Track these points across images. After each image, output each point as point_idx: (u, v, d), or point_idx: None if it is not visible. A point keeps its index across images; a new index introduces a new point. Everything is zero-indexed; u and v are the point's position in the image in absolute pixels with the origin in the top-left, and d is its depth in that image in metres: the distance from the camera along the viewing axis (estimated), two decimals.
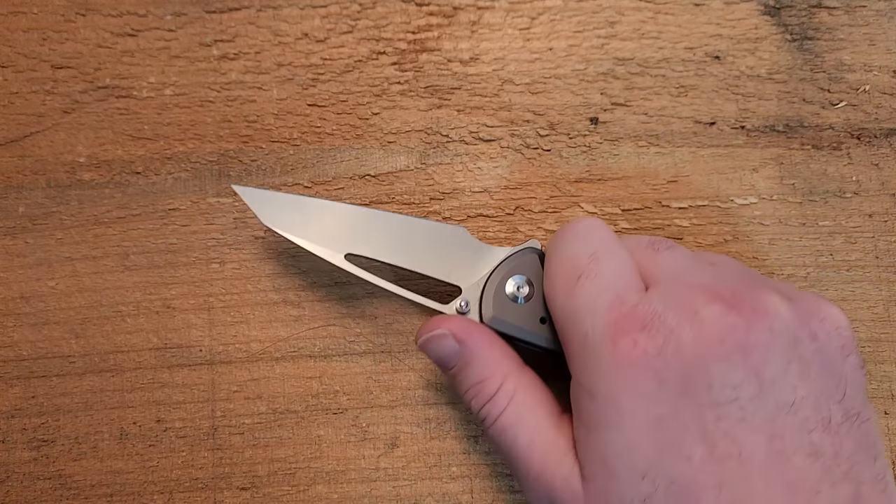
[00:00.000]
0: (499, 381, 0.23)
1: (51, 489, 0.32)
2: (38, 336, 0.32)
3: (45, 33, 0.33)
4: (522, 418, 0.23)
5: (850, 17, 0.33)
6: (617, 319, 0.21)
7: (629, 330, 0.21)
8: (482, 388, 0.23)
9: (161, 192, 0.33)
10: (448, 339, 0.24)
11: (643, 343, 0.20)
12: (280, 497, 0.31)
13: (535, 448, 0.23)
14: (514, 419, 0.23)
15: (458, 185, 0.33)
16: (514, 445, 0.23)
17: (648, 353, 0.20)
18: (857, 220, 0.33)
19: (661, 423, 0.20)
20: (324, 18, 0.33)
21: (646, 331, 0.21)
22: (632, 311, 0.21)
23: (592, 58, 0.33)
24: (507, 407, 0.23)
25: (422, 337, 0.26)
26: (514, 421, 0.23)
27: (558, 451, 0.23)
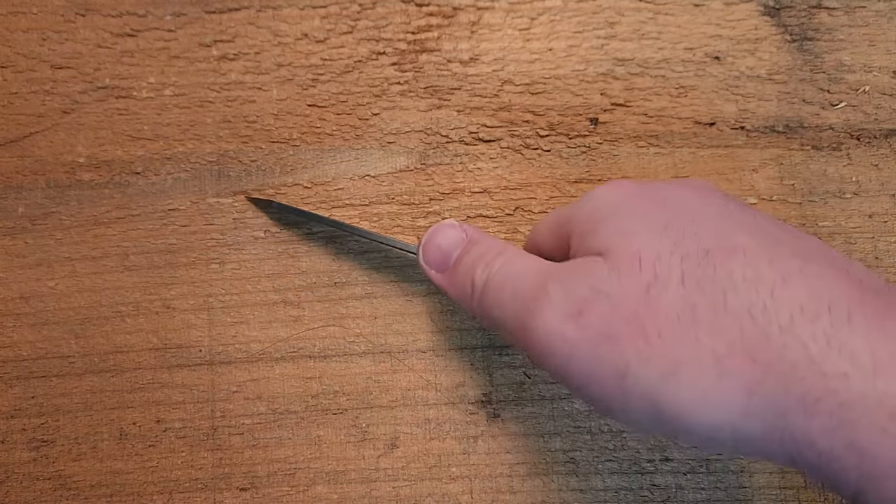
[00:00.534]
0: (502, 247, 0.25)
1: (51, 489, 0.32)
2: (37, 336, 0.32)
3: (44, 33, 0.33)
4: (521, 261, 0.24)
5: (849, 17, 0.33)
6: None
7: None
8: (484, 257, 0.25)
9: (161, 193, 0.33)
10: (456, 228, 0.27)
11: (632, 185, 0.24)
12: (280, 497, 0.31)
13: (532, 266, 0.23)
14: (513, 265, 0.24)
15: (458, 185, 0.33)
16: (517, 277, 0.23)
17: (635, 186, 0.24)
18: (856, 221, 0.33)
19: (664, 202, 0.22)
20: (324, 19, 0.33)
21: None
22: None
23: (592, 58, 0.33)
24: (506, 262, 0.24)
25: (428, 232, 0.28)
26: (511, 266, 0.24)
27: (554, 264, 0.23)
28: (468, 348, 0.32)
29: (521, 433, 0.32)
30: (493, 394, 0.32)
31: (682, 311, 0.19)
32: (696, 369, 0.19)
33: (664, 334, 0.19)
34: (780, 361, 0.18)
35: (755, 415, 0.18)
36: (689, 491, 0.31)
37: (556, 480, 0.31)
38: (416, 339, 0.32)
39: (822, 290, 0.18)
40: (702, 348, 0.19)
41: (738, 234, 0.20)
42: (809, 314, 0.18)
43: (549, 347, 0.21)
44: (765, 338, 0.18)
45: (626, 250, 0.21)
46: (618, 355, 0.19)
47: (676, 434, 0.20)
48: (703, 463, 0.31)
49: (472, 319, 0.32)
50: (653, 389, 0.19)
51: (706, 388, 0.18)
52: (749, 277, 0.19)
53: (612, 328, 0.20)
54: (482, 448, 0.32)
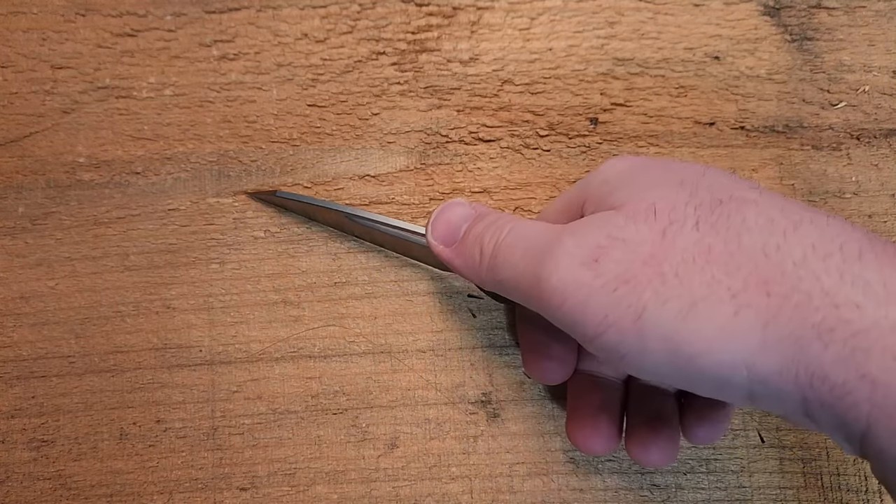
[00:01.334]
0: (508, 220, 0.25)
1: (51, 489, 0.32)
2: (37, 336, 0.32)
3: (44, 33, 0.33)
4: (531, 224, 0.24)
5: (849, 17, 0.33)
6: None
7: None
8: (492, 226, 0.25)
9: (161, 193, 0.33)
10: (464, 205, 0.28)
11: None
12: (280, 497, 0.31)
13: (543, 226, 0.24)
14: (522, 228, 0.24)
15: (458, 185, 0.33)
16: (528, 234, 0.24)
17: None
18: (856, 221, 0.33)
19: (675, 168, 0.23)
20: (324, 19, 0.33)
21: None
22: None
23: (592, 58, 0.33)
24: (515, 226, 0.24)
25: (438, 209, 0.28)
26: (521, 229, 0.24)
27: (560, 225, 0.23)
28: (468, 348, 0.32)
29: (521, 433, 0.32)
30: (493, 394, 0.32)
31: (698, 252, 0.20)
32: (713, 305, 0.19)
33: (681, 274, 0.19)
34: (794, 293, 0.18)
35: (771, 347, 0.18)
36: (689, 491, 0.31)
37: (556, 480, 0.31)
38: (416, 339, 0.32)
39: (833, 234, 0.19)
40: (718, 285, 0.19)
41: (748, 190, 0.21)
42: (821, 252, 0.19)
43: (563, 295, 0.21)
44: (779, 272, 0.19)
45: (641, 202, 0.21)
46: (635, 297, 0.20)
47: (692, 378, 0.20)
48: (703, 463, 0.31)
49: (473, 319, 0.32)
50: (670, 328, 0.19)
51: (723, 324, 0.19)
52: (762, 223, 0.20)
53: (629, 271, 0.20)
54: (482, 448, 0.32)
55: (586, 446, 0.27)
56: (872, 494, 0.31)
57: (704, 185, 0.21)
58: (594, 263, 0.20)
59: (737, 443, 0.32)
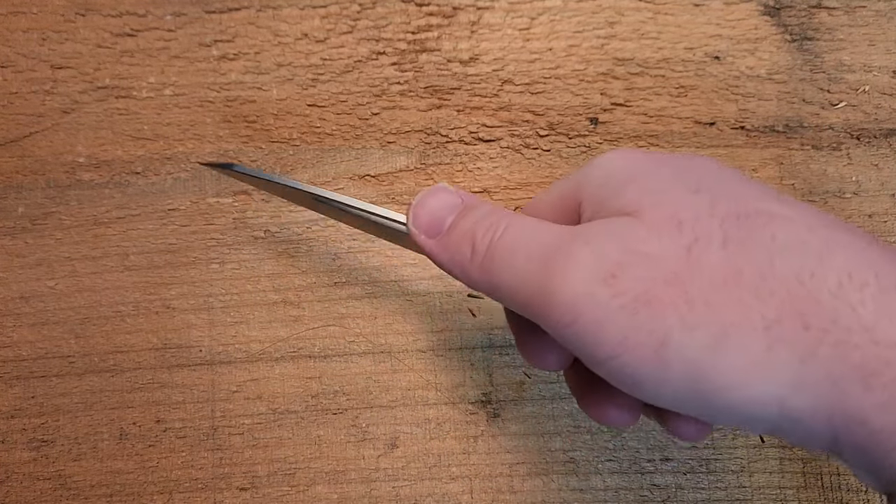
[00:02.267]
0: (503, 214, 0.23)
1: (51, 489, 0.32)
2: (37, 336, 0.32)
3: (44, 33, 0.33)
4: (532, 223, 0.22)
5: (849, 17, 0.33)
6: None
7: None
8: (486, 219, 0.22)
9: (161, 193, 0.33)
10: (450, 192, 0.25)
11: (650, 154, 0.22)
12: (280, 497, 0.31)
13: (547, 227, 0.21)
14: (522, 227, 0.22)
15: (458, 185, 0.33)
16: (530, 237, 0.21)
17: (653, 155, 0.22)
18: (856, 221, 0.33)
19: (684, 165, 0.21)
20: (324, 19, 0.33)
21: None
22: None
23: (592, 58, 0.33)
24: (512, 223, 0.22)
25: (420, 194, 0.25)
26: (521, 228, 0.22)
27: (573, 227, 0.21)
28: (468, 348, 0.32)
29: (521, 433, 0.32)
30: (493, 394, 0.32)
31: (728, 275, 0.18)
32: (745, 336, 0.17)
33: (709, 298, 0.18)
34: (833, 327, 0.17)
35: (807, 386, 0.17)
36: (689, 491, 0.31)
37: (556, 480, 0.31)
38: (416, 339, 0.32)
39: (866, 260, 0.18)
40: (751, 314, 0.17)
41: (770, 202, 0.19)
42: (857, 281, 0.17)
43: (575, 312, 0.19)
44: (815, 302, 0.17)
45: (661, 210, 0.19)
46: (659, 321, 0.18)
47: (712, 411, 0.18)
48: (703, 463, 0.31)
49: (473, 319, 0.32)
50: (697, 359, 0.17)
51: (756, 357, 0.17)
52: (793, 243, 0.18)
53: (650, 291, 0.18)
54: (482, 448, 0.32)
55: (608, 420, 0.25)
56: (872, 494, 0.31)
57: (724, 193, 0.19)
58: (612, 280, 0.18)
59: (737, 443, 0.32)
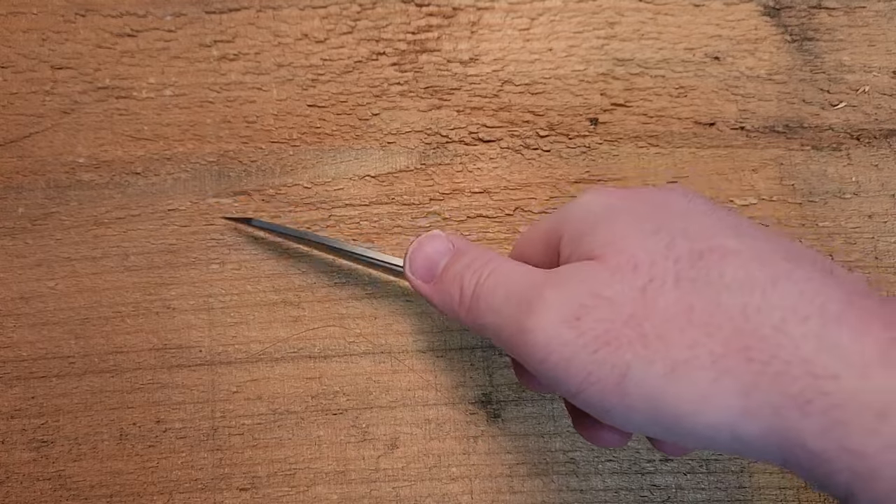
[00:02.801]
0: (490, 256, 0.25)
1: (51, 490, 0.32)
2: (37, 336, 0.32)
3: (44, 34, 0.33)
4: (511, 268, 0.24)
5: (849, 17, 0.33)
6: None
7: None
8: (472, 265, 0.25)
9: (161, 193, 0.33)
10: (442, 239, 0.27)
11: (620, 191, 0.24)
12: (280, 498, 0.31)
13: (523, 270, 0.23)
14: (503, 271, 0.24)
15: (458, 185, 0.33)
16: (508, 280, 0.23)
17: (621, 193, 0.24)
18: (856, 221, 0.33)
19: (653, 205, 0.23)
20: (324, 19, 0.33)
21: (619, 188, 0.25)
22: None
23: (592, 58, 0.33)
24: (495, 269, 0.24)
25: (416, 241, 0.28)
26: (502, 272, 0.24)
27: (546, 270, 0.23)
28: (468, 348, 0.32)
29: (521, 433, 0.32)
30: (493, 394, 0.32)
31: (679, 312, 0.19)
32: (695, 370, 0.19)
33: (662, 335, 0.19)
34: (774, 361, 0.18)
35: (753, 414, 0.18)
36: (689, 491, 0.31)
37: (556, 480, 0.31)
38: (416, 339, 0.32)
39: (812, 292, 0.19)
40: (699, 348, 0.19)
41: (726, 237, 0.21)
42: (800, 314, 0.18)
43: (546, 351, 0.21)
44: (759, 337, 0.18)
45: (620, 254, 0.21)
46: (618, 358, 0.20)
47: (675, 436, 0.20)
48: (703, 463, 0.31)
49: None
50: (653, 390, 0.19)
51: (705, 388, 0.19)
52: (741, 279, 0.19)
53: (610, 332, 0.20)
54: (482, 448, 0.32)
55: (601, 441, 0.27)
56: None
57: (681, 231, 0.21)
58: (576, 322, 0.20)
59: None
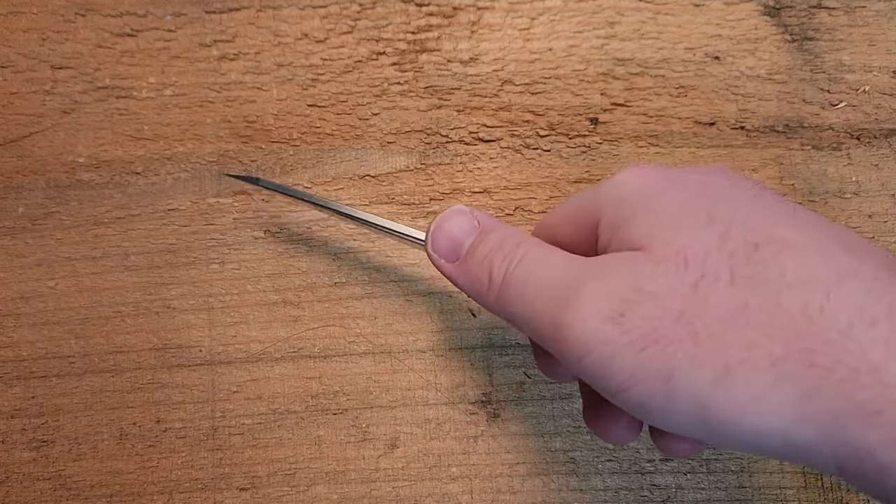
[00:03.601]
0: (520, 238, 0.24)
1: (51, 489, 0.32)
2: (38, 336, 0.32)
3: (44, 33, 0.33)
4: (546, 254, 0.23)
5: (849, 17, 0.33)
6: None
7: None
8: (502, 248, 0.23)
9: (161, 193, 0.33)
10: (466, 215, 0.25)
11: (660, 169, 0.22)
12: (280, 497, 0.31)
13: (559, 259, 0.22)
14: (537, 257, 0.23)
15: (458, 185, 0.33)
16: (542, 271, 0.22)
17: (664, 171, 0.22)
18: (856, 221, 0.33)
19: (699, 189, 0.21)
20: (324, 19, 0.33)
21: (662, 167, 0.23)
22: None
23: (592, 58, 0.33)
24: (528, 253, 0.23)
25: (437, 218, 0.26)
26: (536, 258, 0.23)
27: (585, 259, 0.22)
28: (468, 348, 0.32)
29: (521, 433, 0.32)
30: (493, 394, 0.32)
31: (734, 311, 0.18)
32: (751, 372, 0.18)
33: (715, 334, 0.18)
34: (839, 366, 0.17)
35: (809, 420, 0.17)
36: (689, 491, 0.31)
37: (556, 480, 0.31)
38: (416, 339, 0.32)
39: (879, 292, 0.18)
40: (756, 350, 0.18)
41: (784, 227, 0.19)
42: (868, 318, 0.17)
43: (586, 348, 0.19)
44: (823, 341, 0.17)
45: (669, 245, 0.19)
46: (665, 358, 0.18)
47: (721, 438, 0.19)
48: (703, 463, 0.31)
49: (472, 319, 0.32)
50: (702, 393, 0.18)
51: (760, 393, 0.18)
52: (803, 276, 0.18)
53: (658, 329, 0.19)
54: (482, 448, 0.32)
55: (611, 436, 0.26)
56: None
57: (738, 220, 0.19)
58: (620, 318, 0.19)
59: None
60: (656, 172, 0.22)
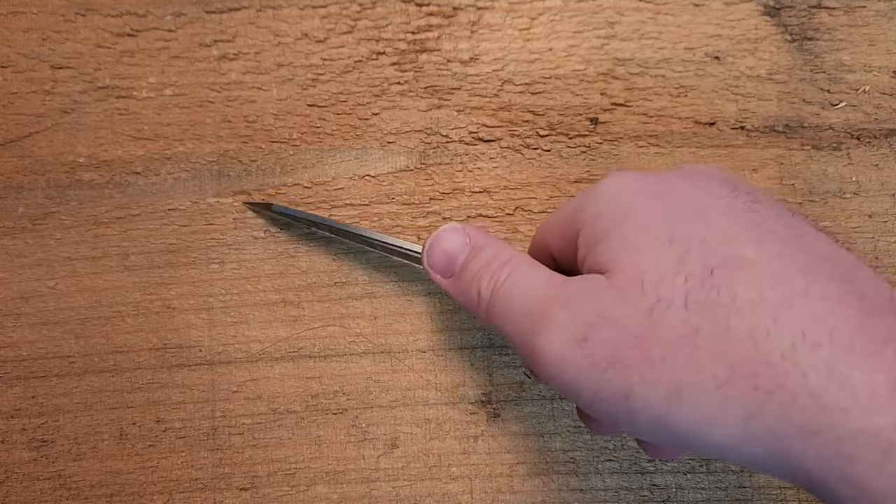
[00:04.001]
0: (508, 256, 0.25)
1: (51, 489, 0.32)
2: (38, 336, 0.32)
3: (44, 33, 0.33)
4: (528, 274, 0.24)
5: (849, 17, 0.33)
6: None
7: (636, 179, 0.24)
8: (490, 266, 0.25)
9: (161, 193, 0.33)
10: (460, 233, 0.27)
11: (646, 180, 0.23)
12: (280, 497, 0.31)
13: (539, 279, 0.24)
14: (519, 278, 0.24)
15: (458, 185, 0.33)
16: (523, 292, 0.24)
17: (647, 180, 0.23)
18: (856, 221, 0.33)
19: (672, 205, 0.22)
20: (324, 19, 0.33)
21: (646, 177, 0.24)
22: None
23: (592, 58, 0.33)
24: (512, 272, 0.24)
25: (432, 236, 0.28)
26: (518, 279, 0.24)
27: (560, 280, 0.23)
28: (468, 348, 0.32)
29: (521, 433, 0.32)
30: (493, 394, 0.32)
31: (685, 335, 0.19)
32: (698, 394, 0.19)
33: (667, 357, 0.19)
34: (780, 390, 0.18)
35: (755, 440, 0.18)
36: (689, 491, 0.31)
37: (556, 480, 0.31)
38: (416, 339, 0.32)
39: (825, 314, 0.18)
40: (704, 372, 0.19)
41: (744, 244, 0.20)
42: (811, 341, 0.18)
43: (558, 370, 0.21)
44: (766, 365, 0.18)
45: (630, 270, 0.21)
46: (623, 379, 0.20)
47: (686, 448, 0.20)
48: (703, 463, 0.31)
49: (473, 319, 0.32)
50: (657, 411, 0.20)
51: (709, 413, 0.19)
52: (753, 300, 0.19)
53: (616, 353, 0.20)
54: (482, 448, 0.32)
55: (597, 430, 0.28)
56: None
57: (698, 239, 0.20)
58: (584, 342, 0.21)
59: None
60: (637, 183, 0.23)
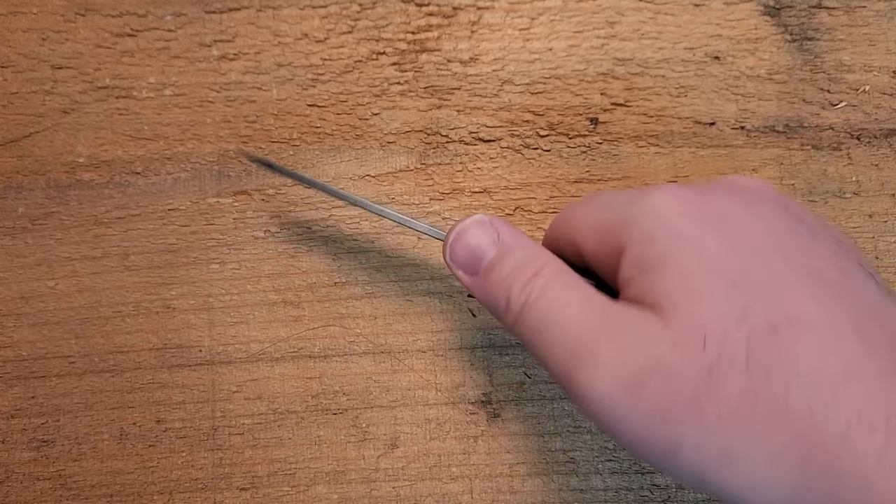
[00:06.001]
0: (541, 263, 0.23)
1: (51, 489, 0.32)
2: (38, 336, 0.32)
3: (44, 33, 0.33)
4: (565, 291, 0.22)
5: (849, 17, 0.33)
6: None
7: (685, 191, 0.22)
8: (522, 273, 0.23)
9: (161, 193, 0.33)
10: (487, 227, 0.24)
11: (696, 193, 0.22)
12: (280, 497, 0.31)
13: (579, 303, 0.21)
14: (556, 296, 0.22)
15: (458, 185, 0.33)
16: (560, 316, 0.22)
17: (699, 194, 0.22)
18: (856, 221, 0.33)
19: (732, 238, 0.20)
20: (324, 19, 0.33)
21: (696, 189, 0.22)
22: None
23: (592, 58, 0.33)
24: (547, 287, 0.22)
25: (457, 228, 0.25)
26: (555, 297, 0.22)
27: (601, 304, 0.21)
28: (468, 348, 0.32)
29: (521, 433, 0.32)
30: (493, 394, 0.32)
31: (743, 400, 0.19)
32: (748, 461, 0.19)
33: (723, 420, 0.19)
34: (831, 470, 0.18)
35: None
36: (689, 491, 0.31)
37: (556, 480, 0.31)
38: (416, 339, 0.32)
39: (881, 396, 0.18)
40: (757, 440, 0.19)
41: (804, 299, 0.19)
42: (866, 424, 0.18)
43: (598, 408, 0.20)
44: (820, 443, 0.18)
45: (689, 319, 0.20)
46: (673, 433, 0.19)
47: (720, 500, 0.20)
48: None
49: (472, 319, 0.32)
50: (703, 469, 0.19)
51: (756, 480, 0.19)
52: (813, 370, 0.19)
53: (669, 409, 0.19)
54: (482, 448, 0.32)
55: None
56: None
57: (762, 288, 0.19)
58: (633, 388, 0.19)
59: None
60: (688, 204, 0.21)
